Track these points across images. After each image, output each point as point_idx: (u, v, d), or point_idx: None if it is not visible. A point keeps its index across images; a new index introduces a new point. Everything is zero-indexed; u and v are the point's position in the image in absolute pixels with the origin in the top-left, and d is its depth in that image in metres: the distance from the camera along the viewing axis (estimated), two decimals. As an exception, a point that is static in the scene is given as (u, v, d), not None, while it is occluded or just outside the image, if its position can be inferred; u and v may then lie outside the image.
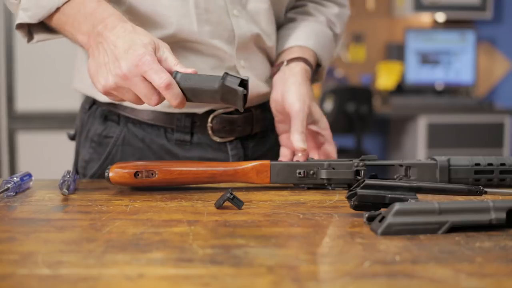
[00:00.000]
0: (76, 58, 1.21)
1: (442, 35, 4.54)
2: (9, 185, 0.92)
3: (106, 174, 0.96)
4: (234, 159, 1.16)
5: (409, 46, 4.49)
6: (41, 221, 0.80)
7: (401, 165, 1.00)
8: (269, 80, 1.19)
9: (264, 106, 1.20)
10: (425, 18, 4.71)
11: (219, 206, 0.86)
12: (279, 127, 1.14)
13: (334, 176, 0.99)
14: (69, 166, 1.22)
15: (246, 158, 1.17)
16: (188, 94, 0.91)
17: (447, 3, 4.47)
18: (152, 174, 0.96)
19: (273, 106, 1.12)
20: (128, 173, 0.96)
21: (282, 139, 1.14)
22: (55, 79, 3.61)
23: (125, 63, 0.88)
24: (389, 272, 0.60)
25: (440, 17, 4.63)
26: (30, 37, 1.05)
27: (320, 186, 1.01)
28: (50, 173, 1.42)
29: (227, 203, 0.86)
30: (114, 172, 0.96)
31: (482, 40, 4.71)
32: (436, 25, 4.74)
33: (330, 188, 1.01)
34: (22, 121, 3.80)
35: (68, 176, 0.96)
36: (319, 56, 1.18)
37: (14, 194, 0.93)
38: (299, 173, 0.99)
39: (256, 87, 1.14)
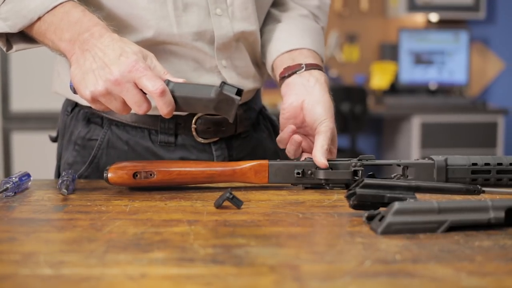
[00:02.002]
0: (55, 62, 1.20)
1: (436, 35, 4.56)
2: (8, 185, 0.92)
3: (105, 174, 0.96)
4: (219, 160, 1.16)
5: (402, 46, 4.50)
6: (41, 221, 0.80)
7: (398, 165, 1.00)
8: (256, 76, 1.19)
9: (247, 106, 1.20)
10: (419, 18, 4.72)
11: (219, 205, 0.86)
12: (286, 125, 1.09)
13: (332, 177, 0.99)
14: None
15: (231, 158, 1.17)
16: (181, 102, 0.91)
17: (440, 3, 4.48)
18: (151, 174, 0.96)
19: (289, 109, 1.08)
20: (127, 173, 0.96)
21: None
22: (50, 79, 3.60)
23: (118, 69, 0.88)
24: (390, 271, 0.60)
25: (434, 17, 4.64)
26: (9, 47, 1.03)
27: (318, 186, 1.01)
28: (46, 173, 1.41)
29: (226, 203, 0.86)
30: (113, 173, 0.96)
31: (475, 40, 4.72)
32: (429, 25, 4.75)
33: (328, 188, 1.01)
34: (17, 121, 3.79)
35: (67, 176, 0.96)
36: (319, 53, 1.17)
37: (13, 194, 0.93)
38: (297, 173, 1.00)
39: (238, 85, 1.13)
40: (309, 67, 1.11)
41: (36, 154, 3.63)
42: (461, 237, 0.72)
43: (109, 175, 0.96)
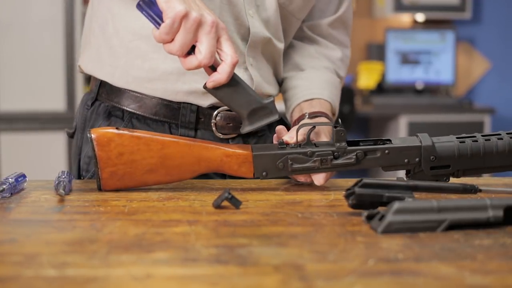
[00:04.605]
0: (87, 33, 1.21)
1: (422, 35, 4.58)
2: (4, 186, 0.91)
3: (88, 135, 0.95)
4: None
5: (389, 46, 4.52)
6: (40, 222, 0.80)
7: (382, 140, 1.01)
8: (275, 85, 1.24)
9: None
10: (405, 18, 4.74)
11: (217, 205, 0.86)
12: None
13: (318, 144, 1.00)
14: (54, 167, 1.21)
15: None
16: (232, 85, 0.95)
17: (426, 3, 4.50)
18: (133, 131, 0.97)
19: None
20: (110, 128, 0.96)
21: None
22: (38, 79, 3.57)
23: (216, 19, 0.92)
24: (393, 269, 0.61)
25: (420, 17, 4.67)
26: None
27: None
28: (35, 174, 1.39)
29: (224, 203, 0.86)
30: (95, 131, 0.96)
31: (462, 40, 4.75)
32: (416, 25, 4.77)
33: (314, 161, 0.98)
34: (5, 122, 3.75)
35: (63, 176, 0.96)
36: (334, 106, 1.22)
37: (9, 195, 0.92)
38: (280, 143, 0.99)
39: (260, 85, 1.17)
40: (312, 115, 1.14)
41: (24, 155, 3.60)
42: (461, 235, 0.72)
43: (93, 135, 0.95)
